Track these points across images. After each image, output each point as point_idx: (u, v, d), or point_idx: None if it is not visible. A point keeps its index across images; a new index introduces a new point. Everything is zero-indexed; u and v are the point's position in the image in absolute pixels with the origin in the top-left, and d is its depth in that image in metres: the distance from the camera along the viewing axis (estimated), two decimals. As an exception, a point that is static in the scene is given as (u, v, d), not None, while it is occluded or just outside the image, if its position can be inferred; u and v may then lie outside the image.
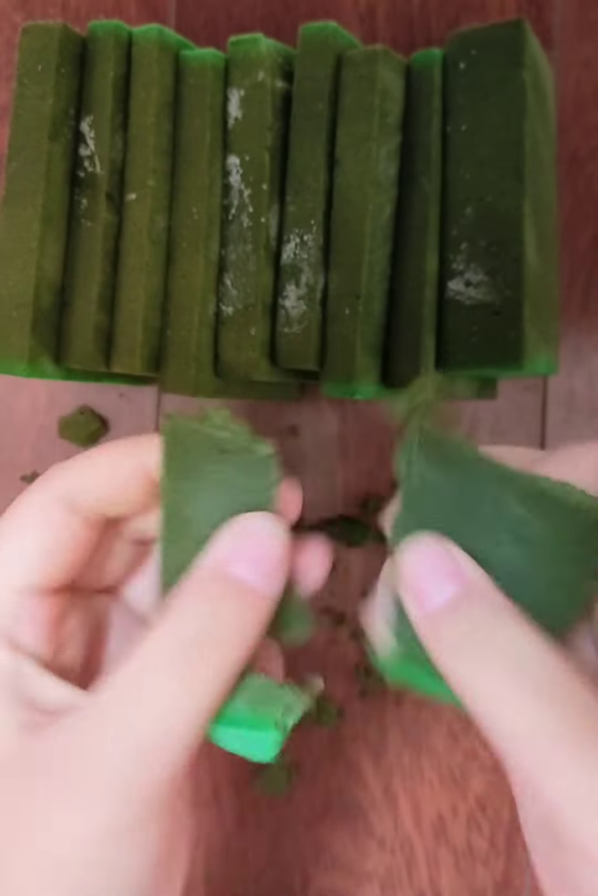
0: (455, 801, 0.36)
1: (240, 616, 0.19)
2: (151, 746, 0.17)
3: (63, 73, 0.29)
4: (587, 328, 0.35)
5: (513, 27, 0.28)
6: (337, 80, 0.29)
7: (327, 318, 0.29)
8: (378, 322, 0.30)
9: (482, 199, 0.29)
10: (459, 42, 0.29)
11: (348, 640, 0.36)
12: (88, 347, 0.30)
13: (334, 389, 0.29)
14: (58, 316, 0.30)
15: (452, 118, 0.30)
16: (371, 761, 0.36)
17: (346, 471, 0.36)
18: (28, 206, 0.29)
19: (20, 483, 0.37)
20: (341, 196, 0.29)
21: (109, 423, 0.37)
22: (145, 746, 0.17)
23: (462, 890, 0.36)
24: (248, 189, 0.30)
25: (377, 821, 0.36)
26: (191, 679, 0.18)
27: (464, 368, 0.29)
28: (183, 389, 0.30)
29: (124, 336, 0.30)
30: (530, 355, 0.28)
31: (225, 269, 0.30)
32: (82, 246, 0.30)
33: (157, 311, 0.30)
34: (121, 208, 0.30)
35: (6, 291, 0.29)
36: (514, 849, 0.35)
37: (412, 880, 0.36)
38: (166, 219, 0.30)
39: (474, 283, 0.29)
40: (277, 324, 0.30)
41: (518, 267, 0.28)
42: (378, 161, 0.29)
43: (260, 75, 0.29)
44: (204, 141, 0.30)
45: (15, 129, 0.29)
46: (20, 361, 0.29)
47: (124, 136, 0.30)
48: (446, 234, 0.30)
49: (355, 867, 0.36)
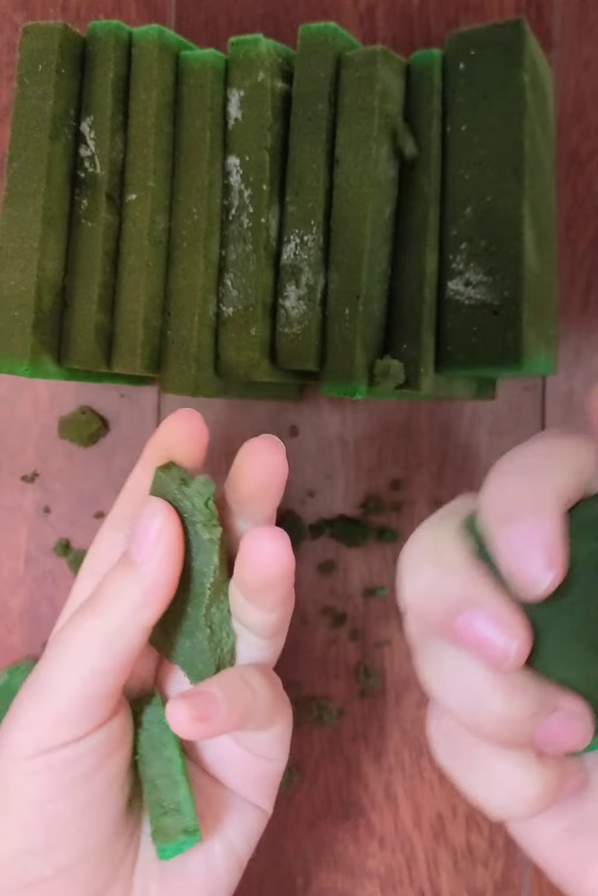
0: (455, 802, 0.36)
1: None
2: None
3: (63, 73, 0.29)
4: (586, 329, 0.35)
5: (512, 28, 0.29)
6: (337, 81, 0.30)
7: (327, 318, 0.29)
8: (378, 322, 0.30)
9: (482, 199, 0.29)
10: (458, 42, 0.30)
11: (348, 640, 0.36)
12: (89, 347, 0.30)
13: (333, 389, 0.29)
14: (59, 316, 0.30)
15: (451, 118, 0.30)
16: (372, 761, 0.36)
17: (346, 471, 0.36)
18: (29, 206, 0.29)
19: (21, 482, 0.37)
20: (341, 196, 0.29)
21: (109, 423, 0.37)
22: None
23: (462, 890, 0.36)
24: (248, 189, 0.30)
25: (378, 820, 0.36)
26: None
27: (463, 368, 0.29)
28: (183, 389, 0.30)
29: (125, 336, 0.30)
30: (528, 355, 0.28)
31: (225, 270, 0.30)
32: (83, 246, 0.30)
33: (157, 311, 0.30)
34: (121, 209, 0.30)
35: (8, 292, 0.29)
36: (513, 849, 0.36)
37: (413, 880, 0.36)
38: (167, 219, 0.30)
39: (474, 283, 0.29)
40: (277, 324, 0.30)
41: (517, 267, 0.28)
42: (378, 161, 0.29)
43: (260, 76, 0.29)
44: (204, 141, 0.30)
45: (16, 129, 0.29)
46: (22, 361, 0.29)
47: (124, 136, 0.30)
48: (445, 234, 0.30)
49: (356, 867, 0.36)
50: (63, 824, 0.24)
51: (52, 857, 0.24)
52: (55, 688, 0.24)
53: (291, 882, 0.36)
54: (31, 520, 0.37)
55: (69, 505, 0.37)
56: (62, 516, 0.37)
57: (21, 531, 0.37)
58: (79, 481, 0.37)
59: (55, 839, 0.24)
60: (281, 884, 0.36)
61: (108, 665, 0.24)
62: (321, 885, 0.36)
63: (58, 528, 0.37)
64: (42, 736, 0.24)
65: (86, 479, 0.37)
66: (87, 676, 0.24)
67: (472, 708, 0.19)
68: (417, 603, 0.20)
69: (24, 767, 0.24)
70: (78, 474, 0.37)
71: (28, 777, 0.24)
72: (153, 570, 0.24)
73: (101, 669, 0.24)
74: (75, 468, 0.37)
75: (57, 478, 0.37)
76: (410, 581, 0.20)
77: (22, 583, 0.37)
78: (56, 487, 0.37)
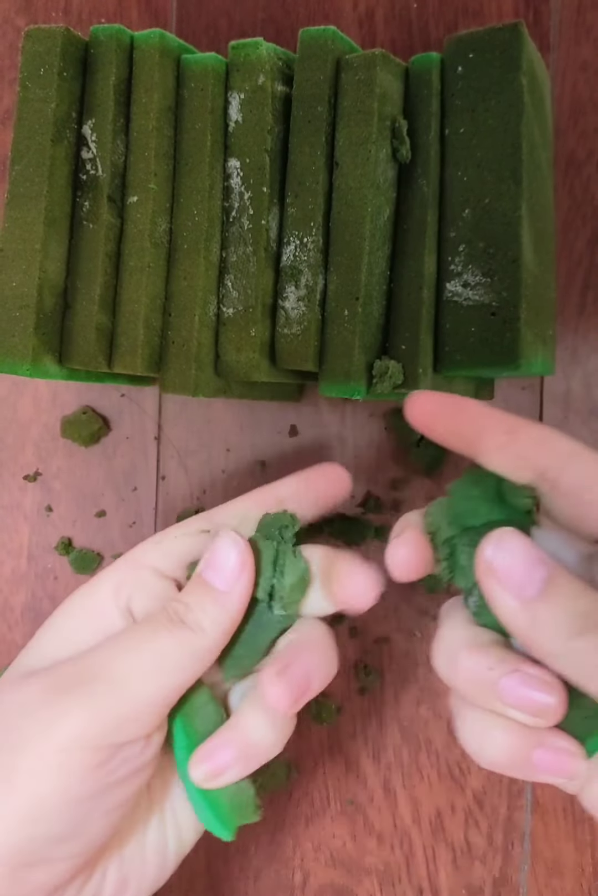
0: (453, 798, 0.36)
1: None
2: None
3: (65, 76, 0.30)
4: (583, 329, 0.36)
5: (510, 31, 0.29)
6: (336, 84, 0.30)
7: (327, 319, 0.30)
8: (377, 323, 0.30)
9: (480, 201, 0.29)
10: (457, 45, 0.30)
11: (346, 638, 0.36)
12: (90, 348, 0.30)
13: (332, 389, 0.29)
14: (60, 317, 0.31)
15: (450, 121, 0.30)
16: (370, 758, 0.36)
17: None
18: (31, 208, 0.29)
19: (23, 482, 0.38)
20: (341, 198, 0.29)
21: (110, 422, 0.37)
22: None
23: (460, 887, 0.36)
24: (248, 191, 0.30)
25: (376, 817, 0.36)
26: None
27: (461, 369, 0.30)
28: (184, 389, 0.30)
29: (126, 337, 0.30)
30: (526, 356, 0.28)
31: (226, 271, 0.30)
32: (84, 248, 0.30)
33: (158, 311, 0.31)
34: (122, 211, 0.31)
35: (10, 292, 0.29)
36: (511, 846, 0.36)
37: (411, 876, 0.36)
38: (167, 221, 0.31)
39: (472, 285, 0.29)
40: (277, 324, 0.30)
41: (515, 268, 0.28)
42: (377, 164, 0.29)
43: (260, 79, 0.30)
44: (205, 144, 0.30)
45: (18, 132, 0.30)
46: (23, 362, 0.29)
47: (126, 139, 0.30)
48: (444, 235, 0.30)
49: (354, 863, 0.36)
50: (89, 821, 0.24)
51: (65, 845, 0.24)
52: (127, 690, 0.24)
53: (288, 878, 0.37)
54: (33, 518, 0.38)
55: (70, 504, 0.37)
56: (63, 515, 0.37)
57: (23, 530, 0.38)
58: (80, 480, 0.37)
59: (76, 832, 0.24)
60: (279, 880, 0.37)
61: (188, 680, 0.25)
62: (319, 881, 0.36)
63: (59, 527, 0.38)
64: (102, 730, 0.24)
65: (87, 478, 0.37)
66: (170, 688, 0.25)
67: (449, 669, 0.24)
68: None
69: (71, 759, 0.24)
70: (79, 473, 0.37)
71: (69, 771, 0.24)
72: (241, 600, 0.26)
73: (182, 684, 0.25)
74: (76, 467, 0.37)
75: (58, 477, 0.38)
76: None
77: (24, 581, 0.38)
78: (57, 486, 0.38)
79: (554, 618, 0.22)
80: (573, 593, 0.22)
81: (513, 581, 0.23)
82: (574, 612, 0.22)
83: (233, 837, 0.27)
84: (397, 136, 0.29)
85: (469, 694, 0.24)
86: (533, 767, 0.23)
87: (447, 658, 0.25)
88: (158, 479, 0.37)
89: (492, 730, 0.23)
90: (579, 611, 0.22)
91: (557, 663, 0.22)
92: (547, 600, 0.22)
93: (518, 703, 0.22)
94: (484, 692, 0.23)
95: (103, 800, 0.24)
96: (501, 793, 0.36)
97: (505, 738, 0.23)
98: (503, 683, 0.22)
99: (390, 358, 0.29)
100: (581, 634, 0.22)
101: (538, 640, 0.22)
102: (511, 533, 0.23)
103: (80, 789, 0.24)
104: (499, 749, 0.23)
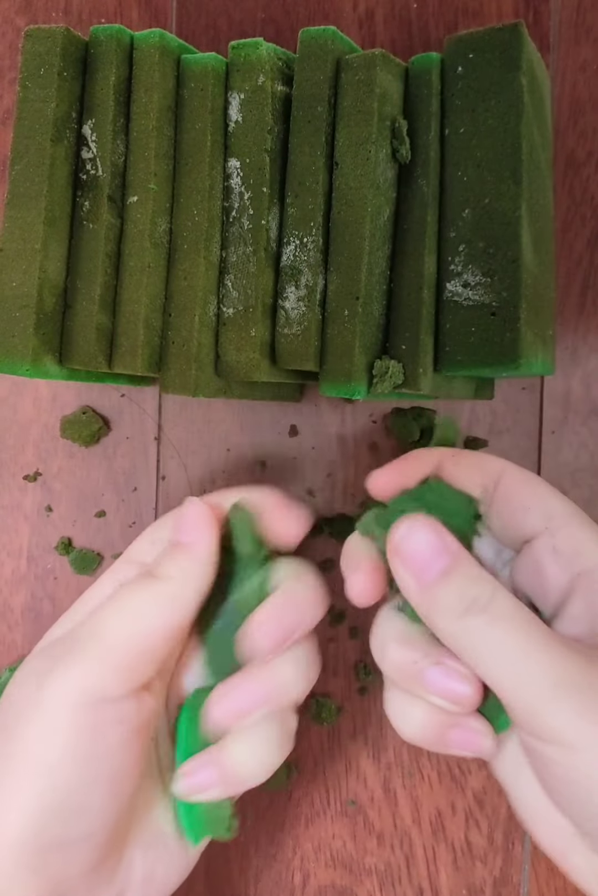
0: (454, 798, 0.36)
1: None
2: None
3: (65, 76, 0.30)
4: (583, 329, 0.36)
5: (510, 31, 0.29)
6: (336, 84, 0.30)
7: (327, 319, 0.30)
8: (377, 323, 0.30)
9: (480, 201, 0.29)
10: (457, 46, 0.30)
11: (347, 638, 0.36)
12: (90, 348, 0.30)
13: (332, 389, 0.29)
14: (60, 317, 0.31)
15: (450, 121, 0.30)
16: (370, 758, 0.36)
17: (345, 471, 0.37)
18: (31, 208, 0.29)
19: (23, 482, 0.38)
20: (341, 198, 0.29)
21: (110, 422, 0.37)
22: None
23: (461, 887, 0.36)
24: (248, 192, 0.30)
25: (376, 817, 0.36)
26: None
27: (461, 368, 0.30)
28: (184, 389, 0.30)
29: (126, 337, 0.30)
30: (526, 356, 0.28)
31: (226, 271, 0.30)
32: (84, 248, 0.30)
33: (158, 311, 0.31)
34: (122, 211, 0.31)
35: (10, 292, 0.29)
36: (512, 846, 0.36)
37: (411, 877, 0.36)
38: (167, 221, 0.31)
39: (472, 285, 0.29)
40: (277, 324, 0.30)
41: (515, 268, 0.28)
42: (377, 164, 0.29)
43: (260, 79, 0.30)
44: (205, 144, 0.30)
45: (18, 132, 0.30)
46: (23, 362, 0.29)
47: (126, 139, 0.30)
48: (444, 235, 0.30)
49: (355, 864, 0.36)
50: (96, 789, 0.25)
51: (77, 821, 0.24)
52: (109, 641, 0.26)
53: (289, 879, 0.37)
54: (33, 519, 0.38)
55: (70, 504, 0.37)
56: (63, 515, 0.37)
57: (23, 530, 0.38)
58: (80, 480, 0.37)
59: (84, 804, 0.24)
60: (279, 881, 0.37)
61: (164, 627, 0.26)
62: (319, 881, 0.36)
63: (59, 527, 0.38)
64: (93, 684, 0.25)
65: (87, 479, 0.37)
66: (146, 632, 0.26)
67: (379, 656, 0.27)
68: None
69: (68, 719, 0.24)
70: (79, 474, 0.37)
71: (69, 731, 0.24)
72: (204, 548, 0.28)
73: (158, 627, 0.26)
74: (77, 467, 0.37)
75: (58, 477, 0.37)
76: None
77: (24, 581, 0.38)
78: (57, 487, 0.38)
79: (446, 600, 0.24)
80: (469, 580, 0.24)
81: (415, 564, 0.25)
82: (464, 595, 0.24)
83: (197, 843, 0.28)
84: (397, 136, 0.29)
85: (396, 680, 0.26)
86: (448, 744, 0.26)
87: (379, 648, 0.27)
88: (158, 479, 0.37)
89: (414, 709, 0.26)
90: (469, 595, 0.24)
91: (451, 644, 0.24)
92: (445, 585, 0.24)
93: (439, 692, 0.25)
94: (409, 681, 0.26)
95: (106, 764, 0.25)
96: (501, 793, 0.36)
97: (425, 717, 0.26)
98: (427, 675, 0.25)
99: (390, 358, 0.29)
100: (464, 616, 0.24)
101: (433, 620, 0.25)
102: (421, 519, 0.25)
103: (79, 751, 0.24)
104: (419, 727, 0.26)
